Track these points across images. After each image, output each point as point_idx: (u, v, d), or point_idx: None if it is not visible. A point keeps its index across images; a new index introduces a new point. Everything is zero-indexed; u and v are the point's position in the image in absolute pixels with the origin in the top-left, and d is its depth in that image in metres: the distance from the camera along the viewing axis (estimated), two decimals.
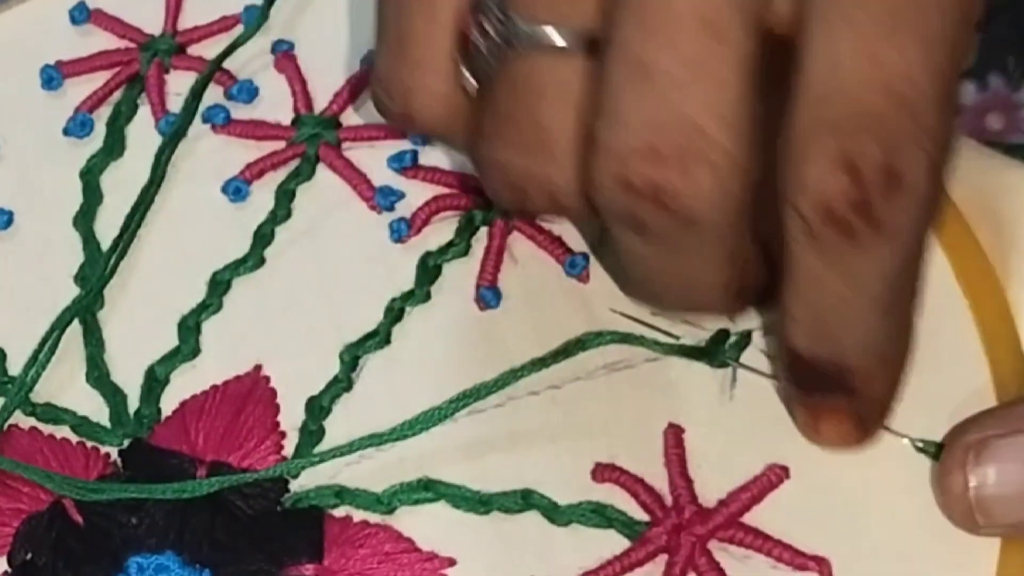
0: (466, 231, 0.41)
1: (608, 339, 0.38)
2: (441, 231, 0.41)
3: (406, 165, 0.42)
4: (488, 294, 0.40)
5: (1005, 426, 0.36)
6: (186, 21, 0.45)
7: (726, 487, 0.37)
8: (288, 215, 0.42)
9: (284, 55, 0.44)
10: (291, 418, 0.39)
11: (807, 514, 0.37)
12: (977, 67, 0.58)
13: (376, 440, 0.37)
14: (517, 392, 0.39)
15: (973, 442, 0.36)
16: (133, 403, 0.40)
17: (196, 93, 0.44)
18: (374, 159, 0.43)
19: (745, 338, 0.39)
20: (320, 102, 0.44)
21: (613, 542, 0.37)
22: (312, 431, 0.39)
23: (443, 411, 0.37)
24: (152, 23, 0.45)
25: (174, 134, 0.43)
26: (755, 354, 0.38)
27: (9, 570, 0.38)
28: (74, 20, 0.45)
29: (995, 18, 0.34)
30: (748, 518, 0.37)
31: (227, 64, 0.44)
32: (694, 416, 0.38)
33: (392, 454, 0.38)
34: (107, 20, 0.45)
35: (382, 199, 0.42)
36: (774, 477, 0.37)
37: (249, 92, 0.44)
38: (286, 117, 0.44)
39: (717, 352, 0.38)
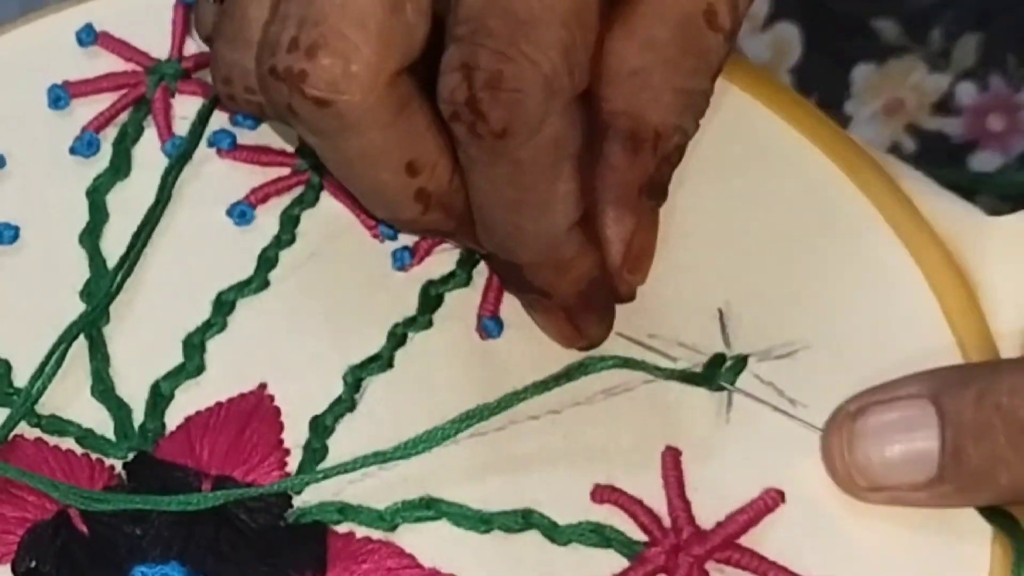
0: (467, 263, 0.42)
1: (610, 364, 0.39)
2: (443, 261, 0.42)
3: None
4: (490, 324, 0.41)
5: (884, 394, 0.38)
6: (192, 46, 0.46)
7: (723, 510, 0.38)
8: (292, 240, 0.43)
9: None
10: (295, 436, 0.40)
11: (803, 536, 0.38)
12: (978, 67, 0.59)
13: (380, 458, 0.38)
14: (518, 416, 0.40)
15: (853, 410, 0.38)
16: (138, 417, 0.40)
17: (203, 118, 0.44)
18: None
19: (741, 363, 0.40)
20: None
21: (612, 561, 0.38)
22: (316, 449, 0.40)
23: (445, 431, 0.38)
24: (157, 47, 0.46)
25: (181, 155, 0.44)
26: (751, 379, 0.40)
27: None
28: (81, 42, 0.46)
29: (995, 18, 0.36)
30: (745, 540, 0.38)
31: None
32: (691, 439, 0.39)
33: (395, 472, 0.39)
34: (113, 43, 0.46)
35: (385, 227, 0.43)
36: (770, 501, 0.38)
37: (255, 118, 0.45)
38: (291, 145, 0.44)
39: (713, 376, 0.40)
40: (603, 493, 0.39)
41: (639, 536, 0.38)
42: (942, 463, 0.37)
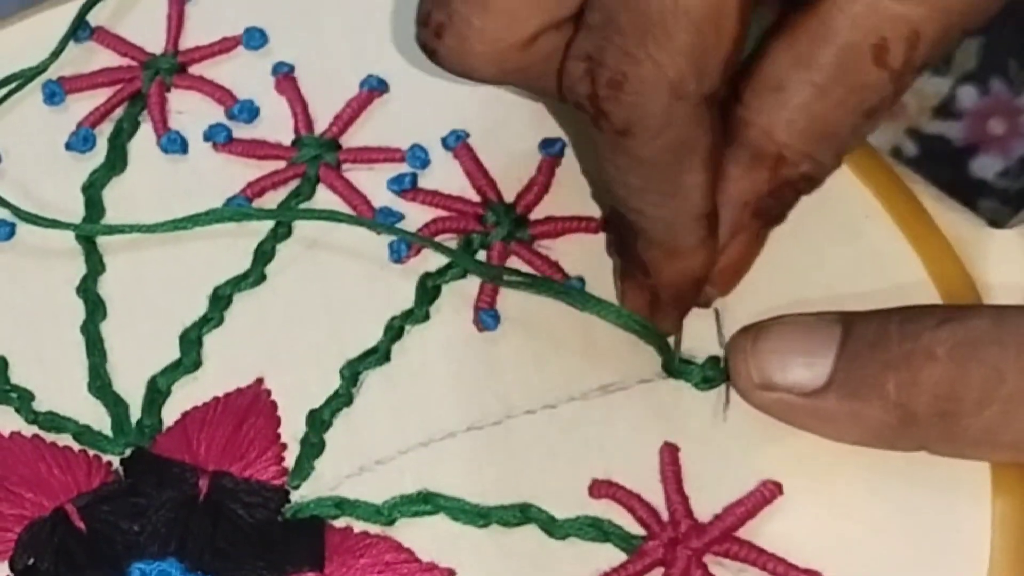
0: (464, 254, 0.42)
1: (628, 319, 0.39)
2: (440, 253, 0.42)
3: (405, 187, 0.43)
4: (487, 317, 0.41)
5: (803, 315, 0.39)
6: (187, 41, 0.46)
7: (721, 503, 0.38)
8: (289, 233, 0.43)
9: (284, 77, 0.45)
10: (292, 430, 0.40)
11: (801, 528, 0.38)
12: (979, 71, 0.59)
13: None
14: (514, 410, 0.40)
15: (771, 318, 0.39)
16: (135, 413, 0.40)
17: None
18: (374, 181, 0.43)
19: None
20: (320, 124, 0.45)
21: (610, 555, 0.38)
22: (313, 443, 0.40)
23: None
24: (153, 42, 0.46)
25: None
26: None
27: (11, 575, 0.38)
28: (76, 37, 0.46)
29: (996, 22, 0.35)
30: (743, 532, 0.38)
31: (229, 84, 0.45)
32: (689, 435, 0.39)
33: (392, 467, 0.39)
34: (109, 38, 0.46)
35: (382, 220, 0.43)
36: (767, 493, 0.38)
37: (250, 112, 0.45)
38: (287, 138, 0.44)
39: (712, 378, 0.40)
40: (601, 487, 0.38)
41: (637, 530, 0.38)
42: (836, 367, 0.37)
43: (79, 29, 0.46)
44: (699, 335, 0.40)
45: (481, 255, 0.42)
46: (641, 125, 0.35)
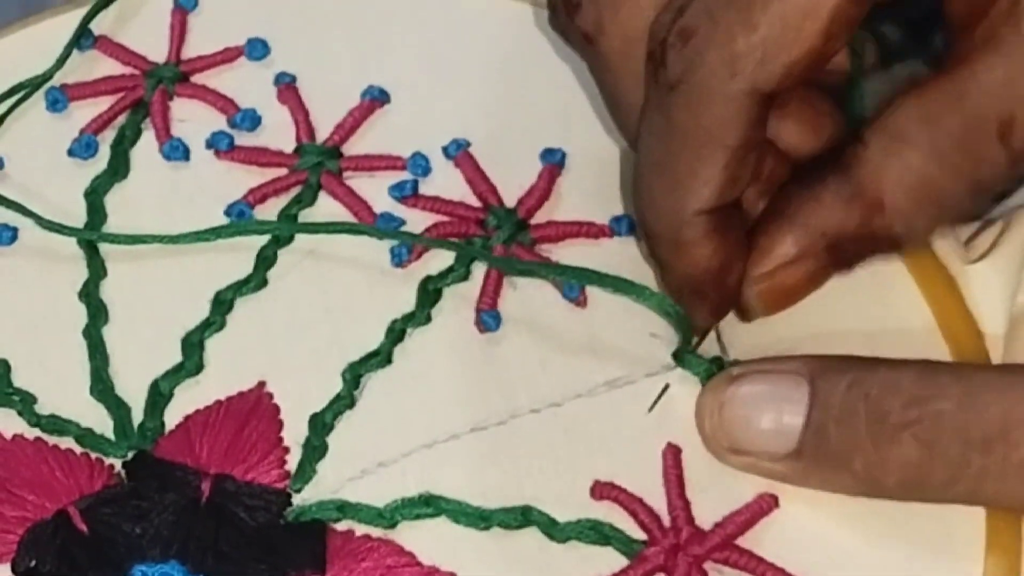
0: (465, 257, 0.42)
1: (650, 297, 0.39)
2: (441, 257, 0.42)
3: (407, 194, 0.43)
4: (488, 318, 0.41)
5: (766, 366, 0.38)
6: (189, 51, 0.46)
7: (722, 510, 0.38)
8: (291, 238, 0.43)
9: (286, 87, 0.45)
10: (294, 433, 0.40)
11: (800, 538, 0.38)
12: None
13: None
14: (519, 410, 0.40)
15: (735, 374, 0.38)
16: (137, 416, 0.40)
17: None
18: (375, 188, 0.44)
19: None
20: (322, 133, 0.45)
21: (611, 560, 0.38)
22: (315, 446, 0.40)
23: None
24: (156, 51, 0.46)
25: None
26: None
27: None
28: (79, 46, 0.46)
29: None
30: (743, 540, 0.38)
31: (231, 93, 0.45)
32: (692, 437, 0.39)
33: (394, 470, 0.39)
34: (112, 47, 0.46)
35: (383, 225, 0.43)
36: (764, 505, 0.38)
37: (252, 120, 0.45)
38: (288, 146, 0.45)
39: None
40: (603, 490, 0.39)
41: (638, 535, 0.38)
42: (803, 439, 0.37)
43: (82, 37, 0.46)
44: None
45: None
46: (690, 84, 0.36)
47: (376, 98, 0.45)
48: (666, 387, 0.40)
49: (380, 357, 0.41)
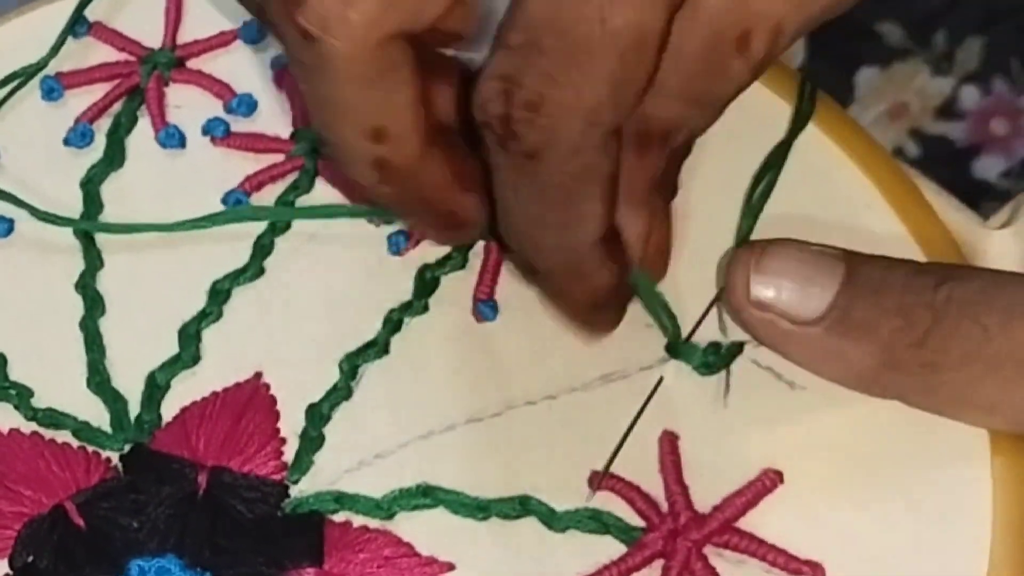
0: (463, 246, 0.42)
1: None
2: (438, 245, 0.42)
3: None
4: (485, 308, 0.41)
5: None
6: (185, 35, 0.46)
7: (721, 493, 0.38)
8: (288, 226, 0.43)
9: (283, 70, 0.45)
10: (291, 424, 0.40)
11: (801, 519, 0.37)
12: (981, 71, 0.59)
13: None
14: (515, 402, 0.40)
15: (770, 241, 0.39)
16: (134, 409, 0.40)
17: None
18: None
19: (737, 348, 0.40)
20: None
21: (610, 548, 0.38)
22: (312, 437, 0.39)
23: None
24: (151, 37, 0.46)
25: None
26: (748, 364, 0.39)
27: (11, 573, 0.38)
28: (74, 33, 0.46)
29: (999, 22, 0.35)
30: (743, 523, 0.38)
31: (227, 78, 0.45)
32: (688, 423, 0.39)
33: (391, 460, 0.39)
34: (107, 33, 0.46)
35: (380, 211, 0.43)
36: (768, 482, 0.38)
37: (248, 106, 0.45)
38: (285, 131, 0.44)
39: (714, 363, 0.39)
40: (600, 479, 0.38)
41: (637, 522, 0.38)
42: (833, 303, 0.38)
43: (76, 24, 0.46)
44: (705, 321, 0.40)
45: (479, 245, 0.42)
46: (551, 149, 0.35)
47: None
48: (660, 381, 0.39)
49: (377, 347, 0.40)
